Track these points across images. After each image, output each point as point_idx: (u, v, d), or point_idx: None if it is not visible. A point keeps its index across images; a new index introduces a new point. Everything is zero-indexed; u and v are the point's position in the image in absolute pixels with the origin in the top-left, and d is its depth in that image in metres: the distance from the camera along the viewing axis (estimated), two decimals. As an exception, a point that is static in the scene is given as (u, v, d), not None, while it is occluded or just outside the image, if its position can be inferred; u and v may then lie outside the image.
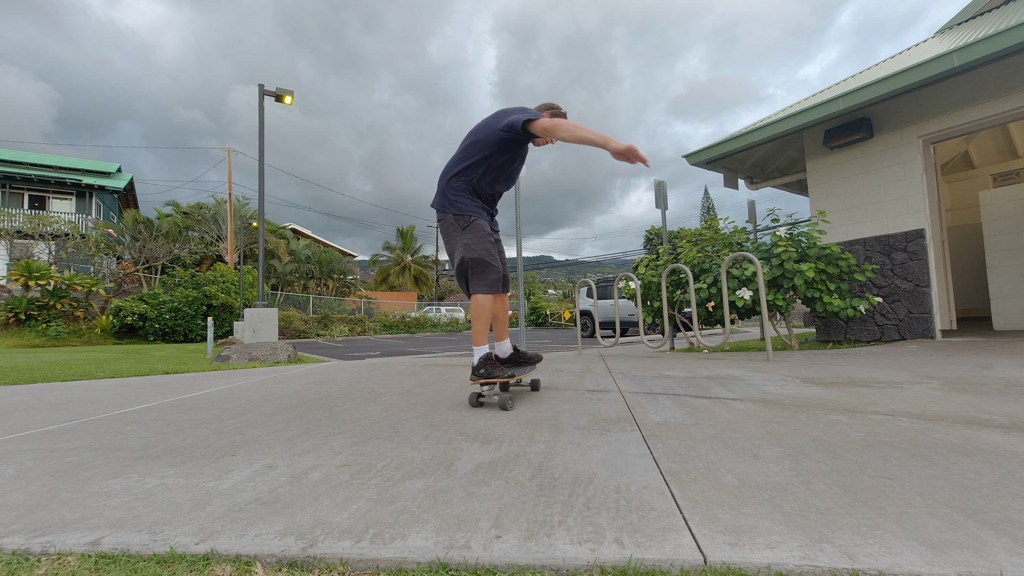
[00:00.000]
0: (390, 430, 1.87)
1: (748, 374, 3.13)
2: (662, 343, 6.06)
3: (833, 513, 0.99)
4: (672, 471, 1.28)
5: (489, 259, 2.28)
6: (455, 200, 2.33)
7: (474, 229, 2.30)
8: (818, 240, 5.06)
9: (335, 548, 0.92)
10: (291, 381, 3.70)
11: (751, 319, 5.37)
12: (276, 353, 6.59)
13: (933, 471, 1.21)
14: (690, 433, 1.67)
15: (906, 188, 5.38)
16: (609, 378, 3.25)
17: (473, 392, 2.32)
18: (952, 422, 1.71)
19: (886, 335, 5.46)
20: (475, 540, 0.93)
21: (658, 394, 2.49)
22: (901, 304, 5.37)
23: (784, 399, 2.24)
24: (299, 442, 1.73)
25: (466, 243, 2.29)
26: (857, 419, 1.79)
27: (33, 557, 0.95)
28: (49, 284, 14.05)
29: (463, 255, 2.29)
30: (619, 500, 1.10)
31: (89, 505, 1.17)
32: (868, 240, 5.64)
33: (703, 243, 5.88)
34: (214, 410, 2.50)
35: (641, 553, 0.86)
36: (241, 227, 22.07)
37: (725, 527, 0.94)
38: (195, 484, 1.29)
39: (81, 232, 18.67)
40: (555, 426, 1.86)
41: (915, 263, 5.28)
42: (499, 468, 1.36)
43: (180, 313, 15.20)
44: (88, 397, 3.15)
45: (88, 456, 1.64)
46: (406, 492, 1.19)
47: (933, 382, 2.57)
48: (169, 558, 0.92)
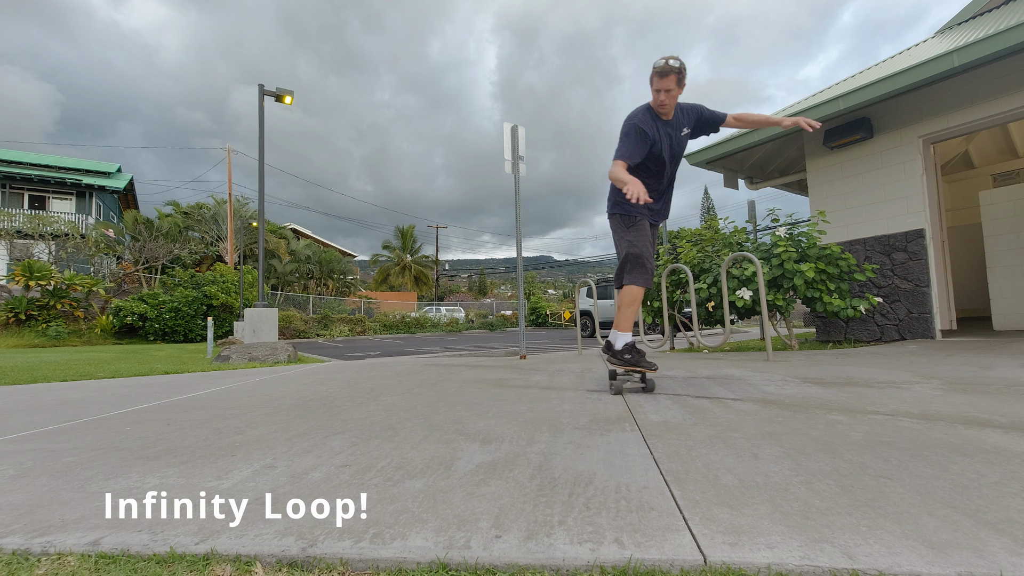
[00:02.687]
0: (390, 430, 1.87)
1: (748, 374, 3.13)
2: (662, 343, 6.06)
3: (833, 513, 0.99)
4: (672, 471, 1.28)
5: (647, 256, 2.55)
6: (620, 202, 2.63)
7: (637, 228, 2.59)
8: (818, 240, 5.06)
9: (335, 548, 0.92)
10: (291, 381, 3.70)
11: (751, 319, 5.37)
12: (276, 353, 6.59)
13: (933, 471, 1.21)
14: (690, 433, 1.67)
15: (906, 188, 5.38)
16: (609, 378, 3.24)
17: (613, 371, 2.62)
18: (952, 422, 1.71)
19: (886, 335, 5.45)
20: (475, 540, 0.92)
21: (658, 394, 2.49)
22: (901, 304, 5.37)
23: (784, 399, 2.24)
24: (299, 442, 1.73)
25: (629, 240, 2.58)
26: (857, 419, 1.79)
27: (33, 557, 0.95)
28: (49, 284, 14.05)
29: (627, 250, 2.57)
30: (619, 500, 1.10)
31: (88, 505, 1.17)
32: (868, 240, 5.64)
33: (703, 243, 5.88)
34: (214, 410, 2.50)
35: (641, 553, 0.85)
36: (241, 227, 22.07)
37: (725, 527, 0.94)
38: (195, 484, 1.29)
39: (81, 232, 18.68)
40: (555, 426, 1.86)
41: (915, 263, 5.28)
42: (499, 468, 1.36)
43: (180, 313, 15.19)
44: (88, 397, 3.15)
45: (88, 456, 1.64)
46: (406, 492, 1.19)
47: (933, 382, 2.57)
48: (169, 558, 0.92)
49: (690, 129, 2.60)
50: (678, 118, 2.57)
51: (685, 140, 2.61)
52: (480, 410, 2.23)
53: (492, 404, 2.39)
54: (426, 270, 38.35)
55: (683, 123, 2.58)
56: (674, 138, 2.56)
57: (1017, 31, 4.08)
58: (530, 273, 48.14)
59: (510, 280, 60.14)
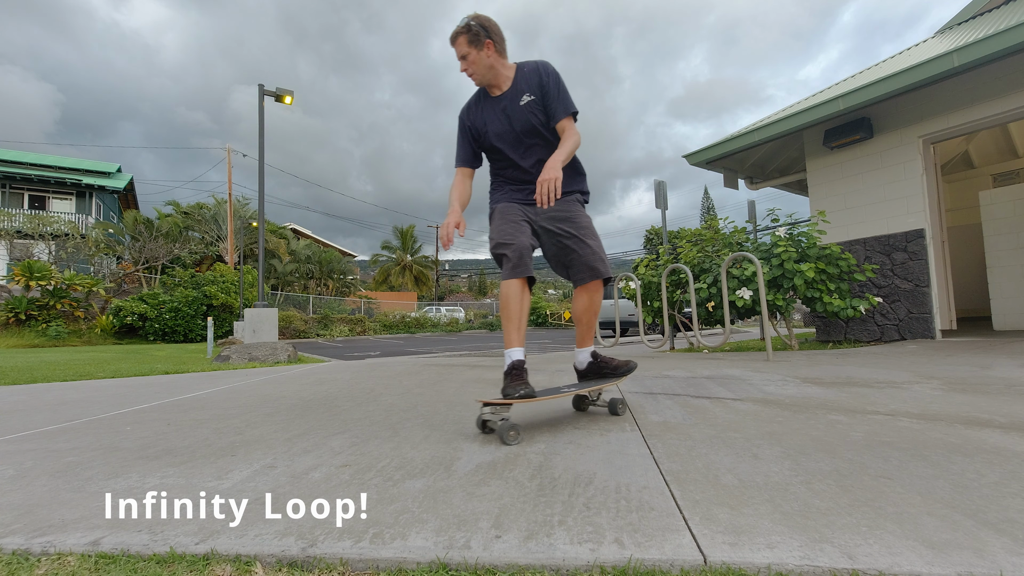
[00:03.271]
0: (390, 430, 1.87)
1: (748, 374, 3.13)
2: (662, 343, 6.06)
3: (833, 513, 0.99)
4: (672, 471, 1.28)
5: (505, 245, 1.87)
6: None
7: (498, 217, 2.00)
8: (818, 240, 5.06)
9: (335, 548, 0.92)
10: (291, 381, 3.69)
11: (751, 319, 5.37)
12: (276, 353, 6.59)
13: (933, 471, 1.21)
14: (690, 433, 1.67)
15: (906, 188, 5.38)
16: (609, 378, 3.24)
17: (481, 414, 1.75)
18: (952, 422, 1.71)
19: (886, 335, 5.46)
20: (475, 540, 0.92)
21: (658, 394, 2.49)
22: (901, 304, 5.37)
23: (784, 399, 2.24)
24: (299, 442, 1.72)
25: (490, 234, 1.99)
26: (857, 419, 1.79)
27: (33, 557, 0.95)
28: (50, 284, 14.06)
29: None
30: (619, 500, 1.10)
31: (88, 505, 1.17)
32: (868, 240, 5.64)
33: (703, 243, 5.88)
34: (214, 410, 2.50)
35: (641, 553, 0.85)
36: (241, 227, 22.08)
37: (725, 527, 0.94)
38: (195, 484, 1.29)
39: (81, 232, 18.69)
40: (555, 426, 1.86)
41: (915, 263, 5.28)
42: (499, 468, 1.36)
43: (180, 313, 15.20)
44: (88, 397, 3.15)
45: (88, 456, 1.64)
46: (406, 492, 1.19)
47: (933, 382, 2.57)
48: (169, 558, 0.92)
49: (533, 96, 1.95)
50: (517, 85, 1.97)
51: (530, 107, 1.95)
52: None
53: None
54: (426, 270, 38.36)
55: (523, 89, 1.96)
56: (511, 111, 1.96)
57: (1017, 31, 4.09)
58: (530, 273, 48.13)
59: (510, 280, 59.94)
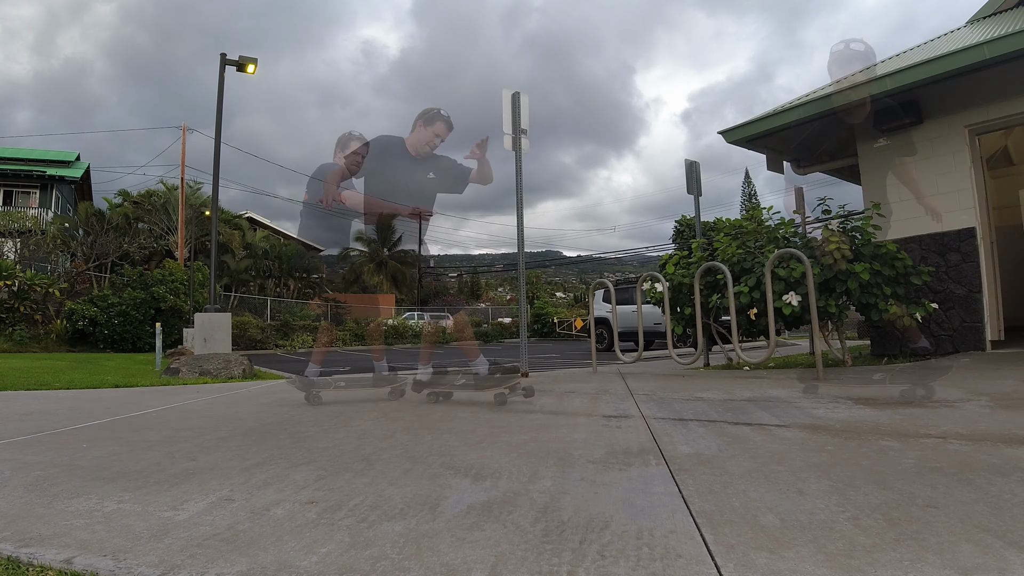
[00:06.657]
0: (363, 462, 1.93)
1: (795, 396, 3.27)
2: (695, 358, 5.81)
3: (878, 550, 1.07)
4: (704, 512, 1.32)
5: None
6: None
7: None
8: (873, 236, 5.06)
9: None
10: (247, 401, 3.90)
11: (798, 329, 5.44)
12: (230, 367, 6.83)
13: (975, 495, 1.42)
14: (726, 467, 1.73)
15: (956, 181, 5.51)
16: (630, 401, 3.33)
17: None
18: (996, 441, 1.98)
19: (941, 347, 5.55)
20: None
21: (689, 420, 2.60)
22: (955, 312, 5.47)
23: (835, 424, 2.42)
24: (258, 472, 1.83)
25: None
26: (909, 444, 2.00)
27: (23, 565, 1.15)
28: (15, 285, 14.44)
29: None
30: (640, 547, 1.11)
31: (59, 523, 1.40)
32: (923, 238, 5.71)
33: (744, 236, 5.74)
34: (165, 431, 2.77)
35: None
36: (193, 216, 22.11)
37: (763, 572, 0.98)
38: (151, 512, 1.45)
39: (41, 228, 19.04)
40: (564, 459, 1.90)
41: (967, 265, 5.39)
42: (495, 509, 1.38)
43: (129, 318, 15.79)
44: (48, 409, 3.58)
45: (52, 472, 1.92)
46: (384, 535, 1.22)
47: (982, 399, 2.84)
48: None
49: None
50: None
51: None
52: (472, 439, 2.30)
53: (487, 432, 2.47)
54: (405, 268, 38.25)
55: None
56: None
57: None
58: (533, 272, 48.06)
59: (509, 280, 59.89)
